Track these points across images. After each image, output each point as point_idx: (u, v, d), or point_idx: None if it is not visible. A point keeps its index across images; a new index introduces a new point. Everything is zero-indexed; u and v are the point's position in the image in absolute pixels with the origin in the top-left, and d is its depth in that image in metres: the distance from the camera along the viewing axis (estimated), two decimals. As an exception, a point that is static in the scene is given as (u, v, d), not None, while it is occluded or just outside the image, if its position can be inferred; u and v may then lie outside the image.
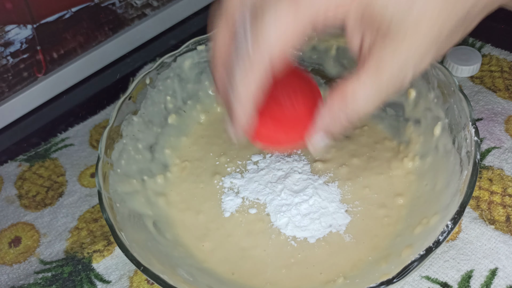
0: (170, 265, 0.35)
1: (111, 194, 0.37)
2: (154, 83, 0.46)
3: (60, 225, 0.47)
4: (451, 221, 0.31)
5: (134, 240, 0.35)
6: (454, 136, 0.37)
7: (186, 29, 0.67)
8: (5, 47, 0.55)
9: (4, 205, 0.50)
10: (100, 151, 0.39)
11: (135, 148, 0.44)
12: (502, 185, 0.44)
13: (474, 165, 0.33)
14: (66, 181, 0.51)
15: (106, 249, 0.44)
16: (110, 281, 0.43)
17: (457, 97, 0.37)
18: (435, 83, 0.40)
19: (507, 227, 0.41)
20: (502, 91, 0.51)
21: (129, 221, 0.37)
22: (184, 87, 0.48)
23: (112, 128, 0.41)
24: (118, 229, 0.34)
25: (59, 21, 0.57)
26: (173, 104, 0.48)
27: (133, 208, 0.39)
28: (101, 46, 0.62)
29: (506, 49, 0.55)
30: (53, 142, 0.55)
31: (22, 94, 0.57)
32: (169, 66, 0.47)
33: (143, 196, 0.41)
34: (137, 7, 0.63)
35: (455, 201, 0.32)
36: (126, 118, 0.43)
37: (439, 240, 0.30)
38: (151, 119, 0.46)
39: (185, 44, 0.47)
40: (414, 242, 0.34)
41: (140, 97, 0.45)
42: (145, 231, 0.38)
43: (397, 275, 0.29)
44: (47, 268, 0.44)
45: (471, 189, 0.32)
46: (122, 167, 0.41)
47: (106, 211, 0.35)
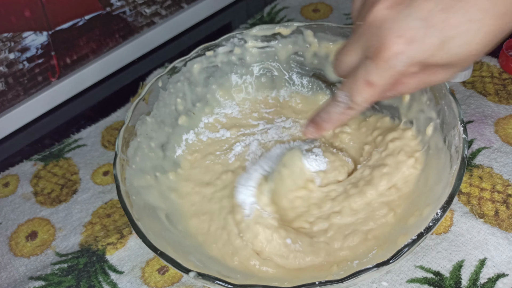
0: (183, 252, 0.38)
1: (127, 187, 0.40)
2: (166, 86, 0.49)
3: (75, 220, 0.50)
4: (441, 209, 0.34)
5: (150, 229, 0.38)
6: (445, 135, 0.40)
7: (193, 36, 0.71)
8: (22, 52, 0.58)
9: (21, 202, 0.53)
10: (117, 148, 0.42)
11: (149, 146, 0.47)
12: (491, 182, 0.47)
13: (462, 160, 0.36)
14: (80, 179, 0.54)
15: (119, 242, 0.47)
16: (123, 271, 0.45)
17: (448, 99, 0.40)
18: (427, 87, 0.43)
19: (496, 221, 0.44)
20: (492, 95, 0.54)
21: (145, 212, 0.40)
22: (193, 90, 0.51)
23: (128, 127, 0.44)
24: (135, 218, 0.37)
25: (73, 28, 0.60)
26: (183, 106, 0.51)
27: (148, 201, 0.42)
28: (112, 52, 0.65)
29: (495, 57, 0.58)
30: (66, 142, 0.58)
31: (37, 97, 0.60)
32: (179, 70, 0.50)
33: (157, 190, 0.44)
34: (146, 15, 0.66)
35: (445, 193, 0.35)
36: (140, 118, 0.46)
37: (430, 226, 0.33)
38: (163, 120, 0.49)
39: (194, 50, 0.50)
40: (409, 231, 0.37)
41: (152, 99, 0.48)
42: (159, 222, 0.41)
43: (392, 257, 0.32)
44: (63, 260, 0.47)
45: (459, 181, 0.35)
46: (137, 163, 0.44)
47: (124, 201, 0.38)
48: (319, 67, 0.52)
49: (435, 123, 0.42)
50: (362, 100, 0.34)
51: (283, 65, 0.53)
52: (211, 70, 0.52)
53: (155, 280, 0.44)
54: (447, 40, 0.29)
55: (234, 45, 0.52)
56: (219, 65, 0.52)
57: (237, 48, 0.52)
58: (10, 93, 0.58)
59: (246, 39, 0.51)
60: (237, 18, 0.72)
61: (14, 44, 0.56)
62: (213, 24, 0.72)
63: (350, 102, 0.34)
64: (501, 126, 0.51)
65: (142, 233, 0.36)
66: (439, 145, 0.41)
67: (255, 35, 0.51)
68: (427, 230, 0.33)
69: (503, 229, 0.43)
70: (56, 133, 0.60)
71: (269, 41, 0.52)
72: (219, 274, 0.36)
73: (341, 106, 0.35)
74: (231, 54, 0.52)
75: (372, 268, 0.31)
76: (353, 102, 0.34)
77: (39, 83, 0.61)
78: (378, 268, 0.31)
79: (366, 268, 0.31)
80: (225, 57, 0.52)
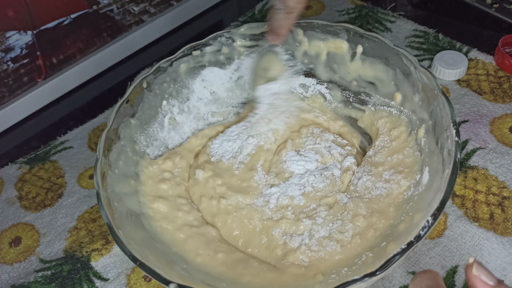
0: (167, 262, 0.37)
1: (109, 193, 0.39)
2: (151, 87, 0.47)
3: (60, 225, 0.49)
4: (431, 217, 0.32)
5: (132, 238, 0.36)
6: (437, 137, 0.39)
7: (183, 35, 0.69)
8: (6, 52, 0.56)
9: (5, 206, 0.51)
10: (98, 152, 0.40)
11: (133, 149, 0.45)
12: (486, 184, 0.45)
13: (454, 164, 0.34)
14: (65, 183, 0.53)
15: (104, 248, 0.46)
16: (108, 278, 0.44)
17: (440, 99, 0.38)
18: (419, 87, 0.42)
19: (491, 225, 0.43)
20: (488, 94, 0.53)
21: (127, 220, 0.39)
22: (180, 91, 0.50)
23: (110, 130, 0.42)
24: (115, 226, 0.35)
25: (59, 27, 0.59)
26: (169, 107, 0.49)
27: (131, 208, 0.41)
28: (99, 51, 0.63)
29: (491, 54, 0.57)
30: (52, 145, 0.57)
31: (22, 98, 0.59)
32: (165, 70, 0.48)
33: (142, 196, 0.43)
34: (134, 13, 0.65)
35: (437, 199, 0.34)
36: (124, 121, 0.44)
37: (420, 235, 0.32)
38: (148, 122, 0.47)
39: (181, 50, 0.49)
40: (399, 238, 0.35)
41: (137, 101, 0.46)
42: (142, 229, 0.40)
43: (380, 268, 0.31)
44: (47, 267, 0.46)
45: (451, 186, 0.33)
46: (120, 168, 0.42)
47: (104, 209, 0.36)
48: (309, 66, 0.51)
49: (427, 125, 0.41)
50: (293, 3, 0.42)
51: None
52: (199, 70, 0.51)
53: (141, 287, 0.43)
54: None
55: (222, 44, 0.50)
56: (207, 65, 0.51)
57: (225, 47, 0.50)
58: (-6, 95, 0.57)
59: (234, 38, 0.50)
60: (229, 15, 0.71)
61: (-2, 44, 0.55)
62: (204, 22, 0.71)
63: (287, 8, 0.42)
64: (496, 126, 0.50)
65: (122, 242, 0.34)
66: (431, 147, 0.39)
67: (243, 33, 0.50)
68: (417, 238, 0.31)
69: (498, 233, 0.42)
70: (43, 135, 0.58)
71: (258, 39, 0.50)
72: (203, 284, 0.34)
73: (282, 12, 0.42)
74: (219, 53, 0.51)
75: (359, 280, 0.30)
76: (288, 6, 0.42)
77: (25, 83, 0.59)
78: (365, 279, 0.30)
79: (353, 280, 0.30)
80: (212, 57, 0.51)
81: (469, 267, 0.27)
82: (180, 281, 0.32)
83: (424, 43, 0.60)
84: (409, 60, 0.42)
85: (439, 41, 0.59)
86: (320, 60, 0.50)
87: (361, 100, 0.49)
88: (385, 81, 0.45)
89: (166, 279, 0.32)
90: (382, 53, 0.45)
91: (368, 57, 0.46)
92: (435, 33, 0.60)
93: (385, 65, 0.45)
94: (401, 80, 0.44)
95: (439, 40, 0.60)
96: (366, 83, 0.48)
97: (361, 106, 0.49)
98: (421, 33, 0.61)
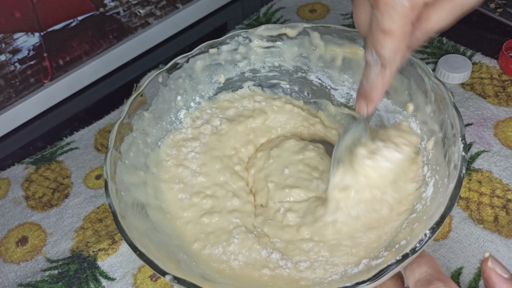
0: (168, 253, 0.37)
1: (117, 182, 0.39)
2: (166, 82, 0.48)
3: (66, 225, 0.49)
4: (430, 230, 0.32)
5: (135, 227, 0.37)
6: (446, 150, 0.38)
7: (188, 37, 0.70)
8: (13, 54, 0.57)
9: (12, 206, 0.52)
10: (110, 142, 0.41)
11: (144, 142, 0.46)
12: (490, 186, 0.46)
13: (459, 179, 0.34)
14: (72, 183, 0.53)
15: (110, 248, 0.46)
16: (115, 278, 0.44)
17: (451, 112, 0.38)
18: (432, 97, 0.41)
19: (495, 227, 0.43)
20: (492, 97, 0.54)
21: (132, 209, 0.39)
22: (195, 87, 0.51)
23: (123, 122, 0.43)
24: (120, 215, 0.36)
25: (66, 29, 0.60)
26: (183, 102, 0.50)
27: (138, 198, 0.41)
28: (105, 53, 0.64)
29: (495, 58, 0.57)
30: (58, 145, 0.57)
31: (29, 99, 0.59)
32: (181, 66, 0.49)
33: (151, 187, 0.44)
34: (140, 16, 0.65)
35: (438, 212, 0.33)
36: (137, 113, 0.45)
37: (416, 248, 0.31)
38: (161, 116, 0.48)
39: (197, 47, 0.49)
40: (397, 247, 0.35)
41: (151, 95, 0.47)
42: (146, 220, 0.40)
43: (372, 277, 0.31)
44: (54, 266, 0.46)
45: (453, 201, 0.33)
46: (130, 158, 0.43)
47: (110, 197, 0.37)
48: (324, 70, 0.51)
49: (436, 137, 0.40)
50: (389, 52, 0.31)
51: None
52: (214, 68, 0.51)
53: (147, 287, 0.43)
54: None
55: (238, 44, 0.50)
56: (223, 63, 0.51)
57: (241, 46, 0.51)
58: (2, 95, 0.58)
59: (251, 38, 0.50)
60: (233, 18, 0.71)
61: (5, 45, 0.55)
62: (208, 25, 0.71)
63: (380, 59, 0.32)
64: (500, 129, 0.50)
65: (124, 231, 0.35)
66: (439, 160, 0.39)
67: (260, 34, 0.50)
68: (412, 251, 0.31)
69: (502, 235, 0.42)
70: (49, 136, 0.59)
71: (275, 41, 0.50)
72: (201, 278, 0.35)
73: (375, 67, 0.33)
74: (235, 52, 0.51)
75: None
76: (382, 57, 0.32)
77: (31, 85, 0.60)
78: (357, 286, 0.30)
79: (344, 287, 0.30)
80: (229, 55, 0.51)
81: (485, 261, 0.28)
82: (178, 274, 0.33)
83: (428, 47, 0.60)
84: (423, 71, 0.41)
85: (443, 45, 0.60)
86: (335, 64, 0.49)
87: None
88: (399, 90, 0.45)
89: (163, 270, 0.33)
90: None
91: None
92: (439, 37, 0.61)
93: (399, 74, 0.44)
94: (414, 90, 0.43)
95: (443, 44, 0.60)
96: None
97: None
98: (425, 37, 0.61)
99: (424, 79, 0.41)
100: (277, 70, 0.52)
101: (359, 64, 0.47)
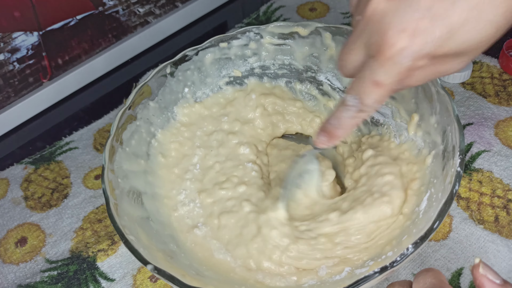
0: (158, 243, 0.38)
1: (115, 169, 0.40)
2: (174, 73, 0.48)
3: (65, 225, 0.49)
4: (412, 245, 0.32)
5: (127, 214, 0.37)
6: (444, 164, 0.38)
7: (187, 36, 0.69)
8: (12, 53, 0.56)
9: (11, 207, 0.51)
10: (112, 128, 0.42)
11: (148, 131, 0.46)
12: (491, 186, 0.46)
13: (450, 196, 0.34)
14: (71, 183, 0.53)
15: (110, 248, 0.46)
16: (114, 279, 0.44)
17: (453, 126, 0.37)
18: (437, 108, 0.40)
19: (496, 227, 0.43)
20: (492, 96, 0.53)
21: (128, 197, 0.40)
22: (203, 80, 0.51)
23: (127, 110, 0.43)
24: (112, 202, 0.37)
25: (65, 28, 0.59)
26: (190, 94, 0.50)
27: (135, 186, 0.42)
28: (105, 52, 0.64)
29: (495, 57, 0.57)
30: (58, 145, 0.57)
31: (28, 99, 0.59)
32: (190, 58, 0.49)
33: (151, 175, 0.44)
34: (139, 15, 0.65)
35: (426, 227, 0.33)
36: (142, 102, 0.46)
37: (396, 260, 0.31)
38: (167, 106, 0.48)
39: (208, 40, 0.49)
40: (383, 259, 0.35)
41: (158, 85, 0.47)
42: (141, 208, 0.41)
43: (349, 286, 0.31)
44: (53, 267, 0.46)
45: (441, 217, 0.33)
46: (132, 146, 0.44)
47: (105, 182, 0.38)
48: (334, 71, 0.50)
49: (437, 150, 0.39)
50: (372, 102, 0.31)
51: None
52: (224, 62, 0.51)
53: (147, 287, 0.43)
54: (454, 29, 0.28)
55: (249, 39, 0.50)
56: (232, 58, 0.51)
57: (252, 42, 0.50)
58: (0, 95, 0.57)
59: (262, 34, 0.50)
60: (233, 17, 0.71)
61: (4, 44, 0.55)
62: (208, 24, 0.71)
63: (360, 105, 0.32)
64: (501, 129, 0.50)
65: (113, 217, 0.35)
66: (437, 173, 0.38)
67: (272, 31, 0.50)
68: (391, 264, 0.31)
69: (503, 235, 0.42)
70: (48, 136, 0.59)
71: (286, 39, 0.50)
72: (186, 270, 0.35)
73: (352, 110, 0.32)
74: (246, 47, 0.51)
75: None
76: (364, 104, 0.32)
77: (30, 84, 0.59)
78: None
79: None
80: (239, 50, 0.51)
81: (476, 267, 0.27)
82: (162, 265, 0.33)
83: (429, 46, 0.60)
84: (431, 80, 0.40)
85: (443, 44, 0.60)
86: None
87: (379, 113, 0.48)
88: (406, 97, 0.44)
89: (145, 260, 0.33)
90: None
91: None
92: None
93: None
94: (421, 98, 0.42)
95: (444, 43, 0.60)
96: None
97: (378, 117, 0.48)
98: (426, 35, 0.61)
99: (431, 88, 0.41)
100: (287, 68, 0.52)
101: None
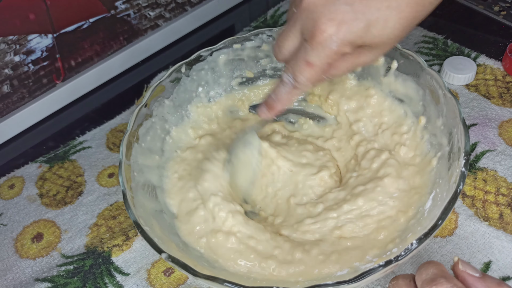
0: (170, 234, 0.40)
1: (131, 163, 0.42)
2: (189, 73, 0.50)
3: (80, 222, 0.50)
4: (417, 240, 0.33)
5: (142, 206, 0.39)
6: (450, 164, 0.39)
7: (196, 39, 0.71)
8: (27, 55, 0.58)
9: (26, 204, 0.53)
10: (129, 125, 0.44)
11: (162, 127, 0.48)
12: (495, 185, 0.47)
13: (455, 194, 0.35)
14: (85, 181, 0.54)
15: (124, 244, 0.47)
16: (129, 273, 0.46)
17: (459, 127, 0.39)
18: (444, 110, 0.42)
19: (500, 224, 0.44)
20: (496, 98, 0.55)
21: (143, 189, 0.42)
22: (217, 80, 0.52)
23: (143, 107, 0.45)
24: (129, 194, 0.39)
25: (78, 31, 0.61)
26: (204, 94, 0.52)
27: (150, 180, 0.44)
28: (116, 54, 0.65)
29: (499, 59, 0.58)
30: (71, 144, 0.58)
31: (42, 100, 0.61)
32: (204, 59, 0.51)
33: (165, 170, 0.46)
34: (150, 18, 0.67)
35: (430, 224, 0.34)
36: (158, 100, 0.47)
37: (401, 255, 0.33)
38: (181, 104, 0.50)
39: (222, 41, 0.51)
40: (387, 255, 0.37)
41: (174, 84, 0.49)
42: (154, 201, 0.43)
43: (353, 278, 0.32)
44: (69, 262, 0.47)
45: (445, 215, 0.34)
46: (147, 142, 0.46)
47: (122, 175, 0.40)
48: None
49: (443, 151, 0.41)
50: (304, 80, 0.37)
51: None
52: (237, 63, 0.53)
53: (161, 282, 0.45)
54: (370, 24, 0.33)
55: (262, 41, 0.52)
56: (245, 59, 0.52)
57: (265, 44, 0.52)
58: (15, 96, 0.59)
59: (274, 37, 0.51)
60: (240, 21, 0.73)
61: (19, 46, 0.57)
62: (216, 27, 0.73)
63: (294, 82, 0.37)
64: (504, 129, 0.51)
65: (130, 207, 0.37)
66: (442, 174, 0.40)
67: None
68: (396, 259, 0.33)
69: (507, 232, 0.43)
70: (61, 135, 0.60)
71: None
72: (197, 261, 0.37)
73: (287, 86, 0.38)
74: (259, 49, 0.52)
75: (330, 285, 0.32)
76: (297, 82, 0.37)
77: (44, 85, 0.61)
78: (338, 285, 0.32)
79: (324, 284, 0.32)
80: (252, 52, 0.52)
81: (456, 265, 0.30)
82: (176, 254, 0.35)
83: (433, 49, 0.61)
84: (438, 83, 0.42)
85: (448, 47, 0.61)
86: (355, 70, 0.50)
87: None
88: (414, 100, 0.45)
89: (160, 248, 0.35)
90: (414, 72, 0.45)
91: (401, 73, 0.46)
92: (444, 39, 0.62)
93: (416, 84, 0.45)
94: (428, 101, 0.44)
95: (448, 46, 0.61)
96: (396, 100, 0.48)
97: None
98: (430, 39, 0.63)
99: (439, 92, 0.42)
100: None
101: (378, 70, 0.48)
